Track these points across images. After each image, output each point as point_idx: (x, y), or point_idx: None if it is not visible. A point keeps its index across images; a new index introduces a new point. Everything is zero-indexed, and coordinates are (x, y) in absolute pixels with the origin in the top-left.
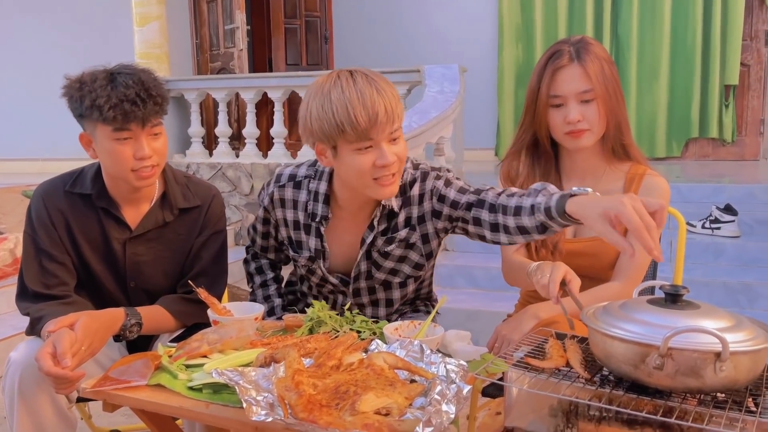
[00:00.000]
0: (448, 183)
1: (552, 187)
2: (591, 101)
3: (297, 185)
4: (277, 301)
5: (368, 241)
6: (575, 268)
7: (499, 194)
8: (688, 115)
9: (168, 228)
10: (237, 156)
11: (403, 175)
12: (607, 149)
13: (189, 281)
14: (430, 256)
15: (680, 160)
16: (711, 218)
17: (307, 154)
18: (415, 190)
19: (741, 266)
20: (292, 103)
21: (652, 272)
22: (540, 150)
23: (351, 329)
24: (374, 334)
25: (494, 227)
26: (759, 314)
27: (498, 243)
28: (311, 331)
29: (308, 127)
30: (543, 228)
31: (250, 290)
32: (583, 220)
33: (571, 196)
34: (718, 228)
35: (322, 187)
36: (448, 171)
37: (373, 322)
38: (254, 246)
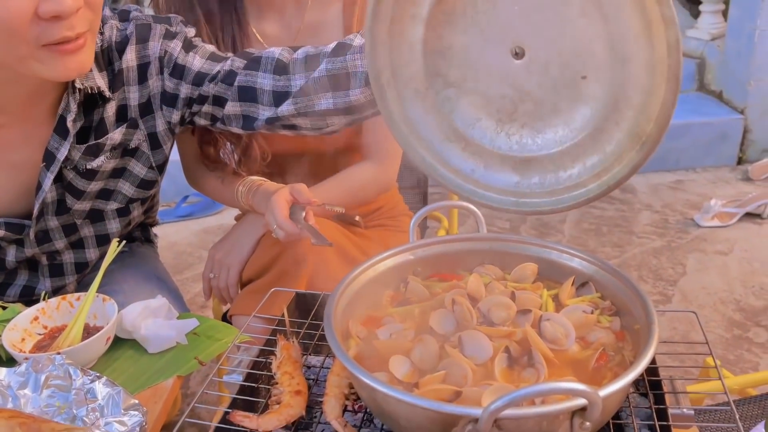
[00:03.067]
0: (189, 46)
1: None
2: None
3: None
4: None
5: (60, 156)
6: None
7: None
8: None
9: None
10: None
11: (101, 32)
12: None
13: None
14: (163, 166)
15: None
16: None
17: None
18: (130, 59)
19: None
20: None
21: None
22: None
23: None
24: None
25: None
26: None
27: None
28: None
29: None
30: None
31: None
32: None
33: None
34: None
35: None
36: (183, 23)
37: None
38: None
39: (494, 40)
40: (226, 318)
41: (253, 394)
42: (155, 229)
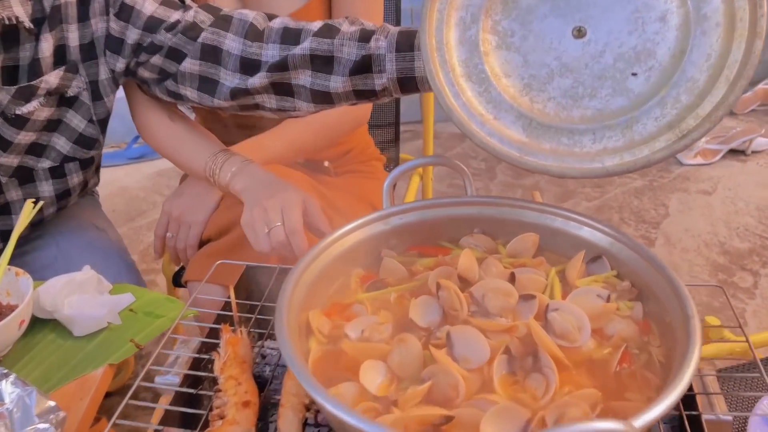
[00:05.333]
0: None
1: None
2: None
3: None
4: None
5: None
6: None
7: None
8: None
9: None
10: None
11: None
12: None
13: None
14: (104, 122)
15: None
16: None
17: None
18: None
19: None
20: None
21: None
22: None
23: None
24: None
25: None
26: None
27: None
28: None
29: None
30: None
31: None
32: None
33: None
34: None
35: None
36: None
37: None
38: None
39: (562, 12)
40: (178, 277)
41: (193, 402)
42: (102, 173)
